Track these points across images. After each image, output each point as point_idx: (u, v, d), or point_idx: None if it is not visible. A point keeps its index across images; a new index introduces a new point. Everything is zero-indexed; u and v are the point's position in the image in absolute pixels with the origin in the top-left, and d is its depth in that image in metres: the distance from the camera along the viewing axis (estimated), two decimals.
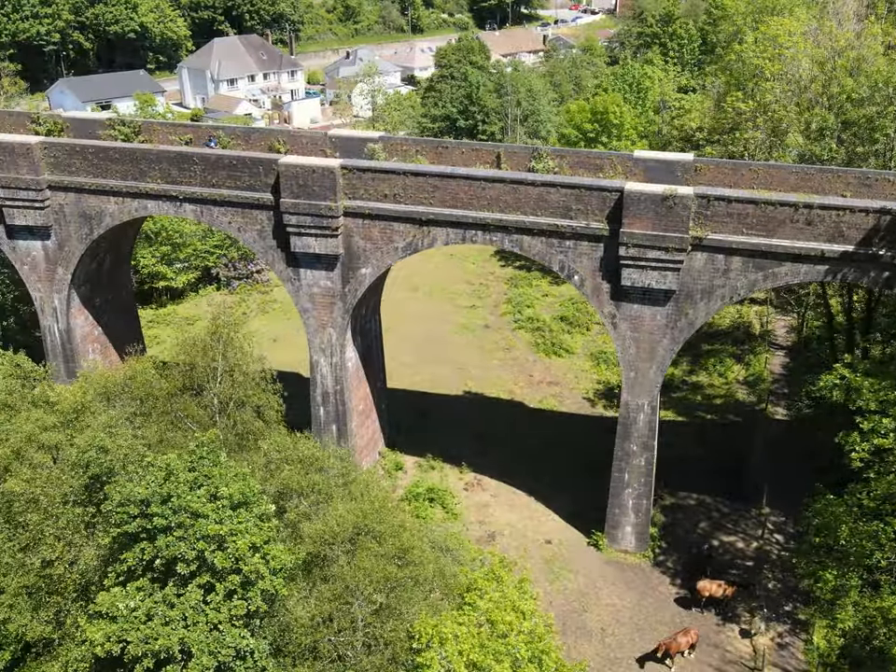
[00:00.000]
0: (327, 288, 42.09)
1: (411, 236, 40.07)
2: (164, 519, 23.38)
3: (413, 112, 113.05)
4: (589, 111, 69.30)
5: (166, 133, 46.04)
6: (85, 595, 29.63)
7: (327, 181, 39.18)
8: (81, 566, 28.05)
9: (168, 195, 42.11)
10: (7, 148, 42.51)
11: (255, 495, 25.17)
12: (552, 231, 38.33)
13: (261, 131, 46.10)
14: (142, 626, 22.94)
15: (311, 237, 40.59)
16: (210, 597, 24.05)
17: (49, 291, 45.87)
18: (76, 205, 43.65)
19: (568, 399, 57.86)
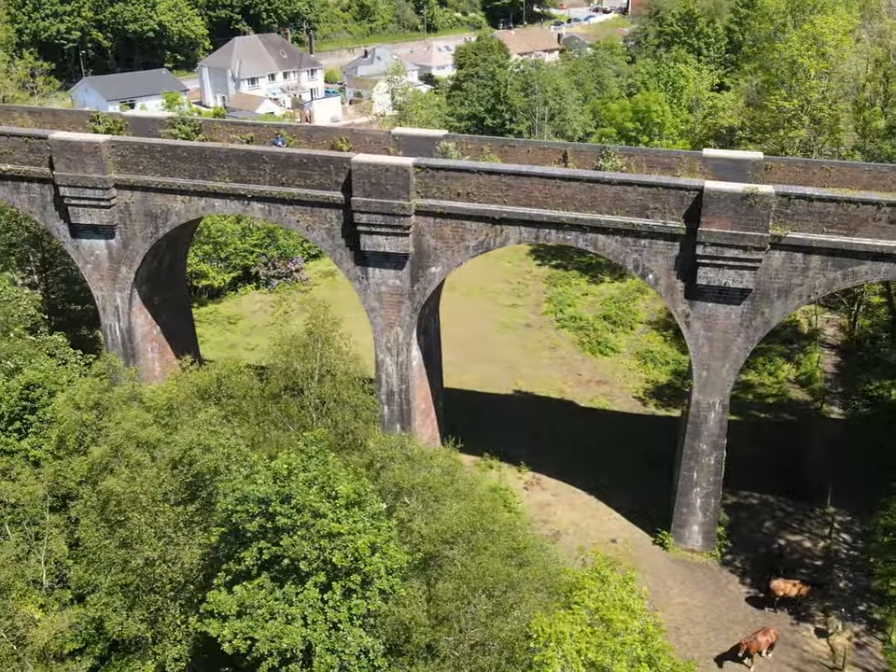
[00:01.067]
0: (395, 287, 42.04)
1: (483, 235, 40.01)
2: (288, 518, 23.33)
3: (439, 111, 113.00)
4: (630, 110, 69.17)
5: (227, 131, 46.03)
6: (182, 593, 29.66)
7: (400, 180, 39.12)
8: (181, 564, 28.00)
9: (236, 194, 42.05)
10: (75, 147, 42.44)
11: (367, 493, 25.14)
12: (627, 229, 38.27)
13: (323, 129, 46.06)
14: (267, 624, 22.90)
15: (381, 236, 40.53)
16: (327, 596, 24.02)
17: (111, 290, 45.81)
18: (141, 204, 43.59)
19: (619, 398, 57.82)
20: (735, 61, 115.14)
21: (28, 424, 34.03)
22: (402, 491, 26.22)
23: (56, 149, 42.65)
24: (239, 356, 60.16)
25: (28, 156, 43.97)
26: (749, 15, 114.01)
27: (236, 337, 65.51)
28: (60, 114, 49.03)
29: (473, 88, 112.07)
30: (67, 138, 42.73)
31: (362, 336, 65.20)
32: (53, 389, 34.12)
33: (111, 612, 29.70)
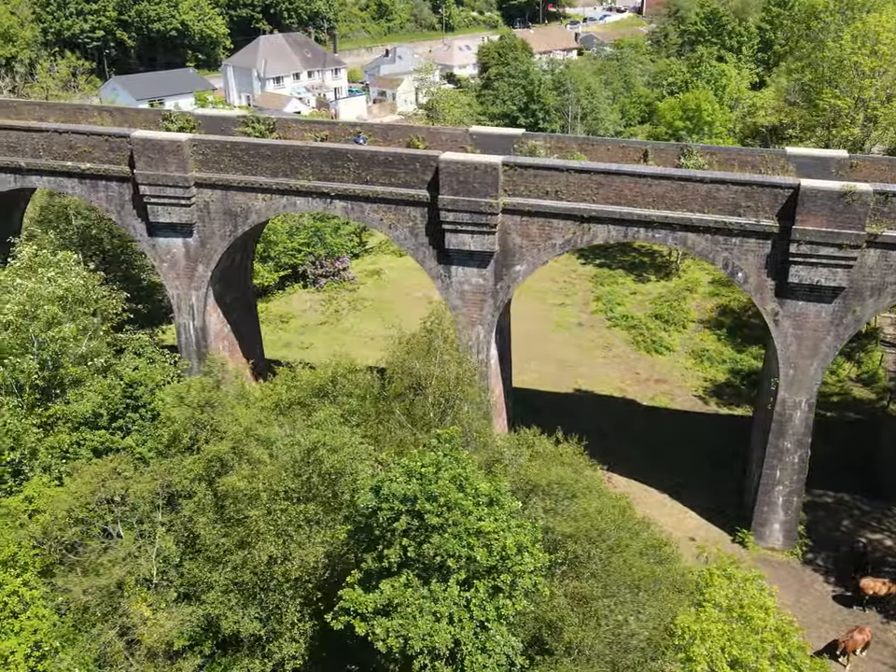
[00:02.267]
0: (478, 286, 42.01)
1: (570, 233, 39.98)
2: (438, 517, 23.28)
3: (470, 109, 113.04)
4: (680, 108, 69.14)
5: (301, 129, 45.98)
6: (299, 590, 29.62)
7: (489, 178, 39.08)
8: (301, 562, 27.94)
9: (319, 192, 42.02)
10: (157, 146, 42.43)
11: (505, 492, 25.10)
12: (718, 228, 38.22)
13: (399, 127, 46.02)
14: (419, 622, 22.86)
15: (467, 234, 40.50)
16: (469, 594, 23.98)
17: (186, 289, 45.80)
18: (221, 202, 43.57)
19: (679, 396, 57.78)
20: (767, 59, 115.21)
21: (131, 422, 34.03)
22: (535, 488, 26.17)
23: (138, 148, 42.63)
24: (295, 355, 60.24)
25: (107, 154, 43.96)
26: (781, 14, 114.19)
27: (290, 336, 65.51)
28: (130, 112, 49.02)
29: (504, 87, 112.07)
30: (150, 137, 42.71)
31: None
32: (153, 387, 34.08)
33: (227, 610, 29.71)
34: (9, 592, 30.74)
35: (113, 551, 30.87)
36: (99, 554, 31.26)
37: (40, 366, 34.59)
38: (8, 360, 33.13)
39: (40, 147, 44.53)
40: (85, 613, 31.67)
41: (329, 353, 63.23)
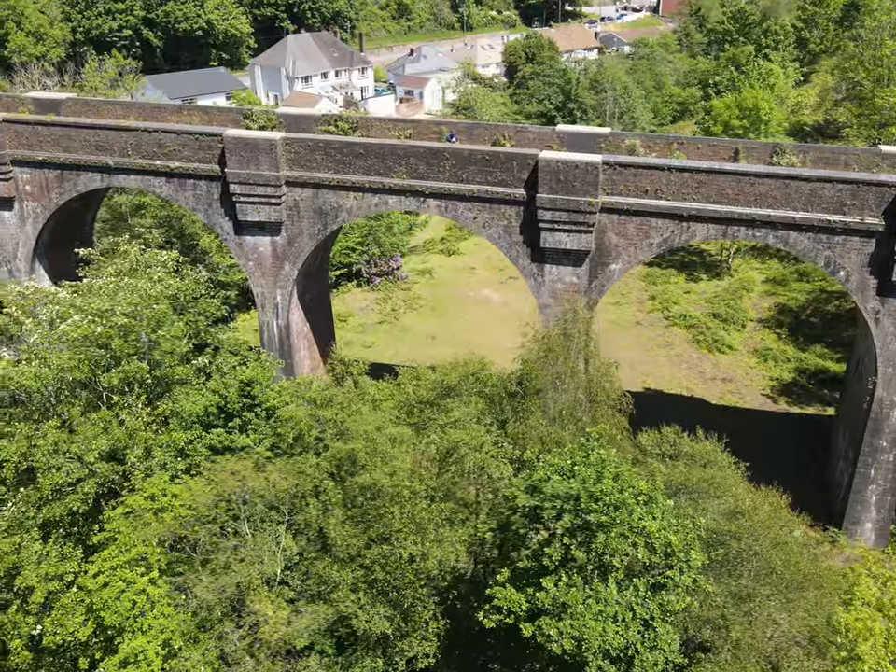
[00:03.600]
0: (571, 284, 41.96)
1: (668, 232, 39.95)
2: (605, 516, 23.26)
3: (505, 109, 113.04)
4: (737, 107, 69.08)
5: (384, 128, 45.89)
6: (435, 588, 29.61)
7: (589, 176, 39.05)
8: (443, 560, 27.94)
9: (413, 190, 41.99)
10: (250, 145, 42.39)
11: (661, 490, 25.08)
12: (821, 226, 38.17)
13: (485, 126, 45.93)
14: (593, 623, 22.83)
15: (563, 233, 40.47)
16: (629, 592, 23.97)
17: (272, 287, 45.77)
18: (312, 201, 43.53)
19: (748, 395, 57.75)
20: (802, 58, 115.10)
21: (247, 421, 33.98)
22: (685, 486, 26.15)
23: (230, 146, 42.59)
24: (358, 353, 60.28)
25: (197, 153, 43.93)
26: (816, 13, 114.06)
27: (350, 335, 65.43)
28: (211, 111, 48.97)
29: (540, 86, 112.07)
30: (243, 135, 42.68)
31: (475, 334, 65.51)
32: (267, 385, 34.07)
33: (357, 609, 29.69)
34: (137, 590, 30.73)
35: (240, 549, 30.85)
36: (225, 553, 31.27)
37: (151, 366, 34.54)
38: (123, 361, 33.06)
39: (129, 145, 44.50)
40: (209, 612, 31.68)
41: (392, 352, 63.82)
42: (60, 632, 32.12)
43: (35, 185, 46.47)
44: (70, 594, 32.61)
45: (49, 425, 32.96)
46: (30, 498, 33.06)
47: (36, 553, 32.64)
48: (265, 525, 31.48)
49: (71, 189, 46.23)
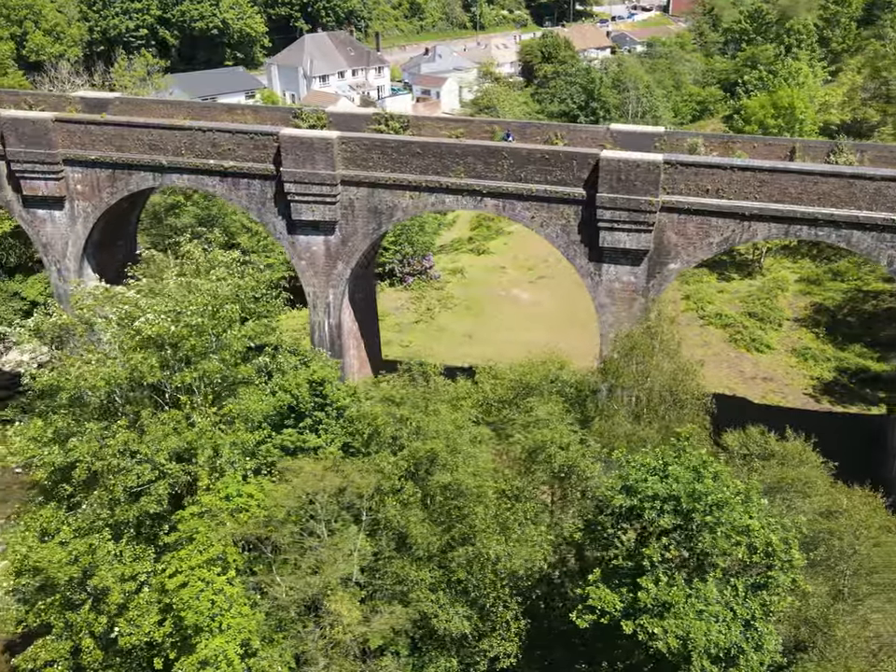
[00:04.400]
0: (629, 284, 41.91)
1: (728, 231, 39.89)
2: (708, 515, 23.20)
3: (527, 108, 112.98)
4: (771, 106, 69.01)
5: (435, 127, 45.83)
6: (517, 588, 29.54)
7: (650, 176, 38.98)
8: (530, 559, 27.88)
9: (471, 189, 41.94)
10: (307, 144, 42.34)
11: (758, 490, 25.03)
12: (885, 225, 38.09)
13: (537, 125, 45.90)
14: (698, 622, 22.77)
15: (623, 232, 40.41)
16: (727, 591, 23.90)
17: (324, 287, 45.72)
18: (367, 200, 43.48)
19: (790, 395, 57.70)
20: (824, 57, 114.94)
21: (318, 420, 33.93)
22: (775, 487, 26.08)
23: (286, 146, 42.54)
24: (397, 353, 60.31)
25: (252, 153, 43.88)
26: (839, 12, 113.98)
27: (387, 334, 65.18)
28: (260, 110, 48.94)
29: (562, 85, 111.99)
30: (299, 135, 42.64)
31: (511, 333, 65.46)
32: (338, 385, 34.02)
33: (437, 609, 29.64)
34: (216, 590, 30.68)
35: (318, 550, 30.80)
36: (305, 554, 31.24)
37: (223, 365, 34.42)
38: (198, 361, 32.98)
39: (182, 144, 44.44)
40: (284, 612, 31.66)
41: (430, 351, 63.69)
42: (135, 632, 32.09)
43: (87, 184, 46.41)
44: (144, 594, 32.59)
45: (119, 425, 32.90)
46: (102, 500, 32.99)
47: (109, 554, 32.58)
48: (341, 526, 31.45)
49: (123, 188, 46.17)
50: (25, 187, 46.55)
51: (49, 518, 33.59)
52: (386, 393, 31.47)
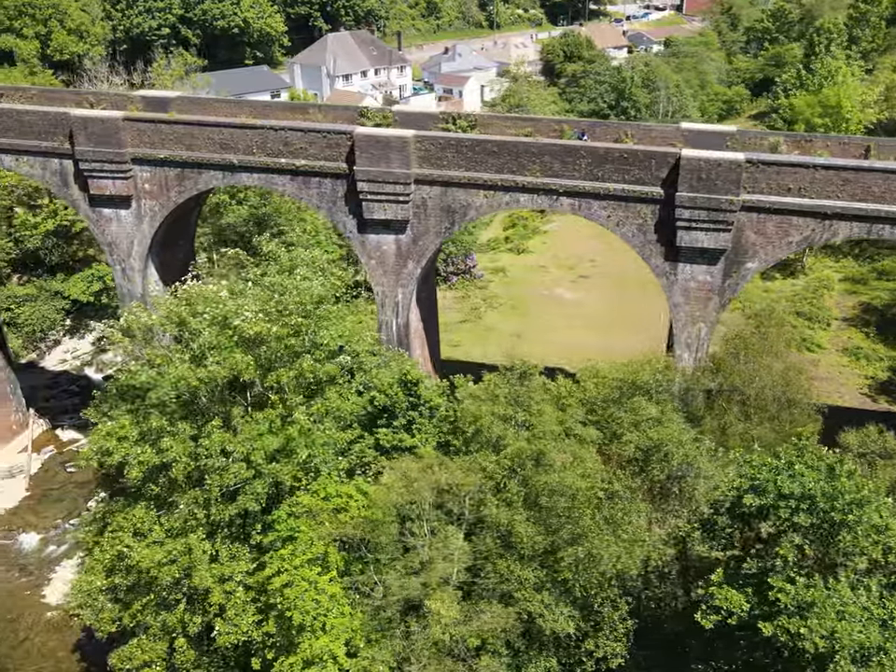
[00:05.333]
0: (705, 283, 41.77)
1: (809, 230, 39.77)
2: (847, 514, 23.12)
3: (556, 107, 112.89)
4: (819, 105, 68.90)
5: (503, 126, 45.75)
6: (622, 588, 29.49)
7: (732, 175, 38.85)
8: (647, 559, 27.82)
9: (546, 188, 41.82)
10: (382, 142, 42.23)
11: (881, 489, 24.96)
12: None
13: (606, 123, 45.87)
14: (841, 623, 22.68)
15: (701, 231, 40.30)
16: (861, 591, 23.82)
17: (393, 286, 45.63)
18: (440, 199, 43.39)
19: (846, 395, 57.61)
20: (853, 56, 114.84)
21: (412, 420, 33.89)
22: None
23: (361, 144, 42.43)
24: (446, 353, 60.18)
25: (324, 151, 43.77)
26: (869, 11, 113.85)
27: None
28: (325, 108, 48.85)
29: (591, 84, 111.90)
30: (374, 133, 42.55)
31: (559, 333, 65.42)
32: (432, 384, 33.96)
33: (542, 608, 29.57)
34: (319, 590, 30.63)
35: (419, 550, 30.76)
36: (404, 553, 31.21)
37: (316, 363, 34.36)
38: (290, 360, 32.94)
39: (254, 143, 44.33)
40: (385, 611, 31.60)
41: (480, 351, 63.69)
42: (233, 631, 32.06)
43: (155, 183, 46.34)
44: (239, 593, 32.56)
45: (213, 424, 32.84)
46: (198, 499, 32.94)
47: (206, 554, 32.56)
48: (439, 525, 31.38)
49: (192, 187, 46.09)
50: (93, 186, 46.46)
51: (141, 518, 33.54)
52: (491, 392, 31.31)
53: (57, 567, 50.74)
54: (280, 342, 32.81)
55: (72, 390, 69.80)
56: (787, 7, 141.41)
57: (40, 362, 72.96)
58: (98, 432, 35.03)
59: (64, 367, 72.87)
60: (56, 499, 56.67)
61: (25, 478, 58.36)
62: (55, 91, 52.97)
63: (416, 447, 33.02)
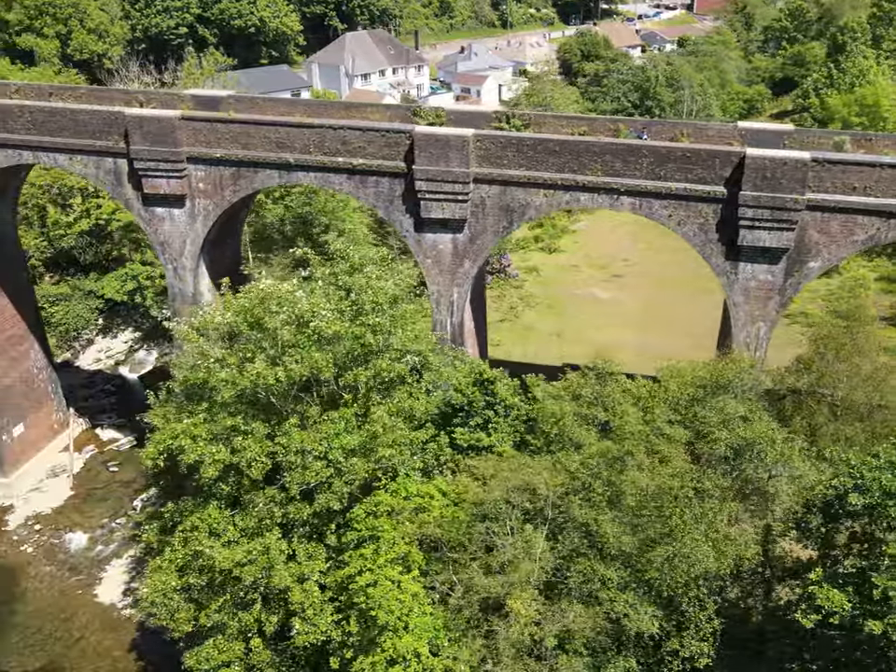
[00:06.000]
0: (765, 282, 41.72)
1: (874, 229, 39.69)
2: None
3: (578, 106, 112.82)
4: (856, 104, 68.87)
5: (556, 125, 45.68)
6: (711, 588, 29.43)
7: (797, 173, 38.78)
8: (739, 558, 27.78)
9: (608, 188, 41.76)
10: (442, 141, 42.18)
11: None
12: None
13: (662, 122, 45.78)
14: None
15: (763, 230, 40.24)
16: None
17: (449, 285, 45.58)
18: (498, 198, 43.33)
19: None
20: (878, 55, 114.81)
21: (488, 419, 33.86)
22: None
23: (421, 143, 42.38)
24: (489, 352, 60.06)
25: (382, 150, 43.71)
26: (893, 10, 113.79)
27: None
28: (378, 108, 48.82)
29: (614, 83, 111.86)
30: (434, 132, 42.52)
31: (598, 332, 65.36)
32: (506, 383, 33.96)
33: (628, 608, 29.53)
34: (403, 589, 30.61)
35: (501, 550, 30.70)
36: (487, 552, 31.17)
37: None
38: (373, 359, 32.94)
39: (311, 142, 44.28)
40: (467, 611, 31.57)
41: (522, 351, 63.72)
42: (312, 631, 32.05)
43: (209, 182, 46.29)
44: (316, 592, 32.56)
45: (291, 423, 32.84)
46: (275, 498, 32.95)
47: (283, 553, 32.57)
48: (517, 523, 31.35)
49: (247, 186, 46.06)
50: (147, 185, 46.41)
51: (216, 518, 33.51)
52: (573, 392, 31.29)
53: (107, 566, 50.73)
54: (357, 341, 32.80)
55: (108, 389, 69.89)
56: (804, 6, 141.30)
57: (75, 361, 73.02)
58: (167, 431, 35.06)
59: (99, 366, 72.92)
60: (101, 499, 56.67)
61: (69, 477, 58.38)
62: (104, 90, 52.85)
63: (493, 446, 33.00)
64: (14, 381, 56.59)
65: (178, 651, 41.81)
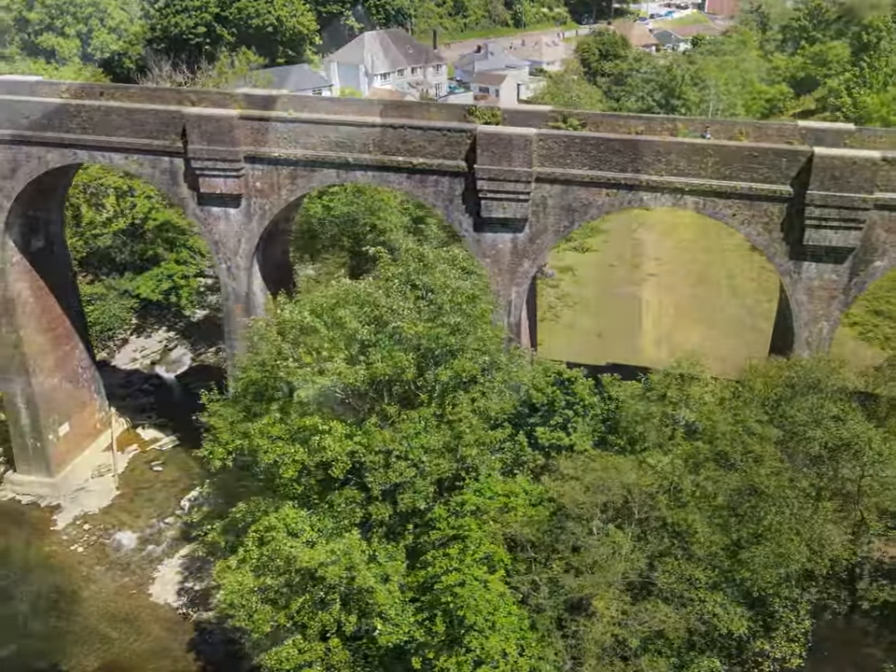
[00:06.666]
0: (830, 282, 41.66)
1: None
2: None
3: (602, 105, 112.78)
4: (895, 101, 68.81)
5: (613, 125, 45.61)
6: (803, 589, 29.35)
7: (867, 172, 38.74)
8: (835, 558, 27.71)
9: (671, 187, 41.70)
10: (504, 140, 42.10)
11: None
12: None
13: (720, 122, 45.71)
14: None
15: (830, 230, 40.18)
16: None
17: (507, 285, 45.49)
18: (560, 197, 43.25)
19: None
20: None
21: (568, 419, 33.79)
22: None
23: (483, 142, 42.29)
24: None
25: (443, 149, 43.63)
26: None
27: None
28: (431, 108, 48.74)
29: (639, 82, 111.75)
30: (497, 131, 42.47)
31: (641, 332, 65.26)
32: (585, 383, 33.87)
33: (718, 608, 29.44)
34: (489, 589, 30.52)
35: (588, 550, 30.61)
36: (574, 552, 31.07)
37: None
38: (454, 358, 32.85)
39: (371, 141, 44.18)
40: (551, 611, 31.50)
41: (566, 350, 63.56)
42: (395, 631, 31.97)
43: (266, 182, 46.20)
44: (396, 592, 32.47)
45: (371, 422, 32.78)
46: (356, 498, 32.88)
47: (364, 553, 32.48)
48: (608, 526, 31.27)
49: (304, 185, 46.00)
50: (203, 184, 46.32)
51: (294, 518, 33.43)
52: (658, 392, 31.21)
53: (159, 565, 50.64)
54: (437, 340, 32.72)
55: (146, 389, 69.80)
56: (823, 5, 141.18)
57: (111, 361, 72.91)
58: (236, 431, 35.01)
59: (135, 366, 72.83)
60: (147, 498, 56.57)
61: (114, 477, 58.29)
62: (155, 89, 52.94)
63: (573, 445, 32.93)
64: (60, 379, 56.56)
65: (238, 651, 41.98)
